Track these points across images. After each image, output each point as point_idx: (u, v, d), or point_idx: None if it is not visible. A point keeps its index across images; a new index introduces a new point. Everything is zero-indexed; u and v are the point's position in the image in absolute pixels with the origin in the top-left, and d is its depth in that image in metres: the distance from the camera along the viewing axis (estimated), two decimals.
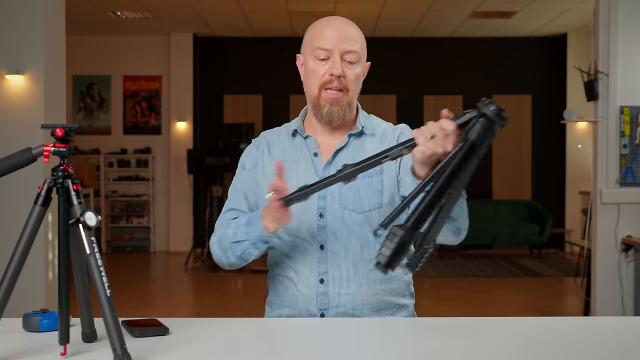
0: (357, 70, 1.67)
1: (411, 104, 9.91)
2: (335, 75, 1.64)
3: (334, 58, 1.64)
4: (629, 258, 4.87)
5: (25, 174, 2.43)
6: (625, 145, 4.87)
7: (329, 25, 1.67)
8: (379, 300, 1.67)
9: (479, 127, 1.32)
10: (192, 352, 1.30)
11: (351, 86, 1.66)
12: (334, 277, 1.66)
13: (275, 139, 1.79)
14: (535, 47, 9.95)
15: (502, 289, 7.26)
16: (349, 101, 1.68)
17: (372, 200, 1.67)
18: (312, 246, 1.67)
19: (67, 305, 1.25)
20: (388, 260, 1.26)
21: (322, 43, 1.64)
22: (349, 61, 1.65)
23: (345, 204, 1.66)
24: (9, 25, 4.45)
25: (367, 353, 1.33)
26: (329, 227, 1.66)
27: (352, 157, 1.68)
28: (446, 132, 1.31)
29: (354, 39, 1.66)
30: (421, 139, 1.34)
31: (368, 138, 1.73)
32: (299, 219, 1.67)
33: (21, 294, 2.43)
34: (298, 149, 1.74)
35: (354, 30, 1.68)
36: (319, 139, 1.74)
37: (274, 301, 1.75)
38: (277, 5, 8.14)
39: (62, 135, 1.24)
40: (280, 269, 1.72)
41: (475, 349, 1.34)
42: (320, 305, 1.65)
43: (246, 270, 8.16)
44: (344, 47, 1.64)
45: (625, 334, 1.48)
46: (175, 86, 9.84)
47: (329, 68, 1.64)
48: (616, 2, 4.85)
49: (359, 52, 1.66)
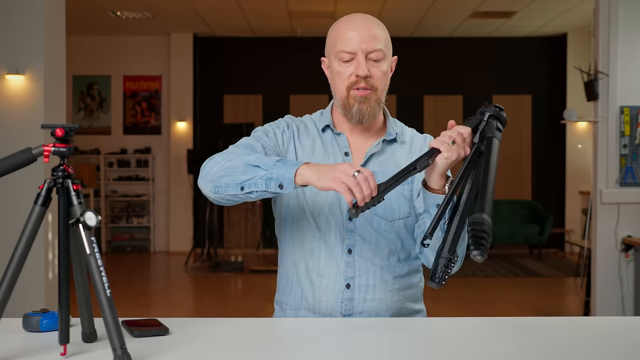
0: (383, 67, 1.63)
1: (411, 104, 9.91)
2: (362, 76, 1.61)
3: (358, 59, 1.60)
4: (629, 258, 4.87)
5: (25, 174, 2.43)
6: (625, 145, 4.87)
7: (350, 25, 1.62)
8: (400, 307, 1.67)
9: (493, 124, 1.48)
10: (192, 352, 1.30)
11: (379, 84, 1.63)
12: (361, 283, 1.63)
13: (302, 129, 1.73)
14: (535, 47, 9.95)
15: (502, 289, 7.26)
16: (378, 99, 1.65)
17: (402, 209, 1.66)
18: (340, 249, 1.64)
19: (67, 305, 1.25)
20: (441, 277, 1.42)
21: (345, 45, 1.60)
22: (374, 60, 1.61)
23: (376, 210, 1.64)
24: (9, 25, 4.44)
25: (368, 353, 1.33)
26: (357, 232, 1.64)
27: (384, 164, 1.67)
28: (464, 135, 1.46)
29: (377, 36, 1.61)
30: (444, 146, 1.45)
31: (399, 146, 1.72)
32: (327, 220, 1.64)
33: (21, 294, 2.43)
34: (328, 145, 1.70)
35: (376, 27, 1.63)
36: (349, 138, 1.71)
37: (287, 302, 1.70)
38: (277, 5, 8.14)
39: (62, 135, 1.24)
40: (301, 269, 1.67)
41: (475, 349, 1.34)
42: (345, 311, 1.63)
43: (246, 270, 8.17)
44: (367, 47, 1.60)
45: (625, 334, 1.48)
46: (175, 86, 9.84)
47: (354, 69, 1.61)
48: (616, 2, 4.85)
49: (384, 49, 1.62)
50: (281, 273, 1.74)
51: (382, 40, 1.62)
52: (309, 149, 1.69)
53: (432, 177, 1.49)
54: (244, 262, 8.40)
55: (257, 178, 1.45)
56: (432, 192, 1.51)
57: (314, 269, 1.65)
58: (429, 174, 1.49)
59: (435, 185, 1.50)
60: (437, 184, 1.50)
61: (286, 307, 1.70)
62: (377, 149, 1.69)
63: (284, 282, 1.72)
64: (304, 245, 1.67)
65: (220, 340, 1.39)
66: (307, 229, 1.66)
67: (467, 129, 1.46)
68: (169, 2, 8.13)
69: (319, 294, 1.64)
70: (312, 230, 1.65)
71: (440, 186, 1.50)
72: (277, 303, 1.75)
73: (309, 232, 1.66)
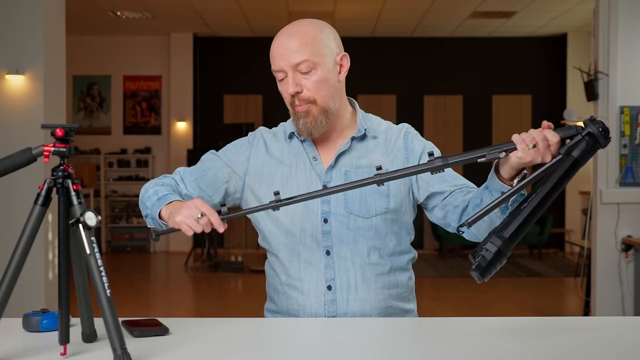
0: (315, 77, 1.58)
1: (411, 104, 9.91)
2: (292, 94, 1.59)
3: (288, 76, 1.59)
4: (629, 258, 4.87)
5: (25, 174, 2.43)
6: (625, 145, 4.87)
7: (275, 43, 1.60)
8: (386, 306, 1.66)
9: (584, 145, 1.33)
10: (192, 352, 1.30)
11: (315, 95, 1.59)
12: (342, 284, 1.63)
13: (271, 140, 1.73)
14: (535, 47, 9.95)
15: (502, 289, 7.26)
16: (322, 109, 1.60)
17: (379, 205, 1.64)
18: (317, 252, 1.63)
19: (67, 305, 1.25)
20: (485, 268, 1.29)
21: (274, 65, 1.60)
22: (304, 72, 1.58)
23: (351, 209, 1.63)
24: (9, 25, 4.45)
25: (368, 353, 1.33)
26: (334, 233, 1.63)
27: (355, 160, 1.66)
28: (550, 143, 1.35)
29: (299, 48, 1.56)
30: (522, 145, 1.36)
31: (370, 141, 1.69)
32: (301, 225, 1.64)
33: (21, 294, 2.43)
34: (295, 153, 1.69)
35: (299, 38, 1.57)
36: (317, 142, 1.69)
37: (276, 310, 1.71)
38: (277, 5, 8.14)
39: (62, 135, 1.24)
40: (283, 276, 1.67)
41: (475, 349, 1.34)
42: (329, 313, 1.62)
43: (246, 270, 8.17)
44: (291, 62, 1.57)
45: (625, 334, 1.47)
46: (175, 86, 9.84)
47: (286, 88, 1.60)
48: (616, 2, 4.85)
49: (311, 58, 1.56)
50: (268, 283, 1.75)
51: (307, 50, 1.57)
52: (277, 158, 1.69)
53: (504, 166, 1.43)
54: (244, 262, 8.40)
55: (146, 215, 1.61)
56: (499, 178, 1.46)
57: (295, 275, 1.65)
58: (504, 161, 1.43)
59: (505, 174, 1.44)
60: (507, 173, 1.43)
61: (277, 315, 1.71)
62: (346, 147, 1.67)
63: (271, 292, 1.74)
64: (281, 254, 1.67)
65: (220, 340, 1.39)
66: (284, 237, 1.66)
67: (556, 137, 1.35)
68: (169, 2, 8.13)
69: (302, 299, 1.64)
70: (289, 237, 1.65)
71: (509, 177, 1.43)
72: (267, 310, 1.77)
73: (286, 240, 1.66)
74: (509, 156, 1.39)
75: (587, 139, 1.33)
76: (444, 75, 9.93)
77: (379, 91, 9.74)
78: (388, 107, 9.83)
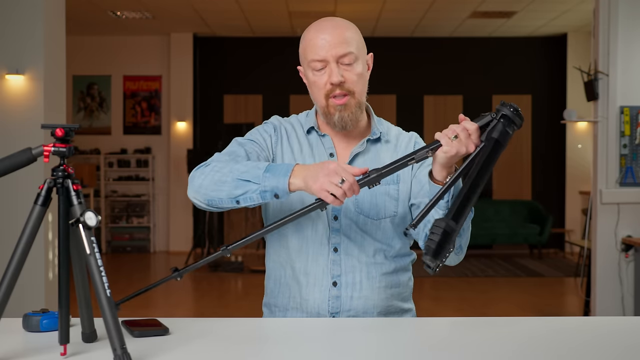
0: (357, 69, 1.62)
1: (411, 104, 9.91)
2: (336, 84, 1.60)
3: (330, 66, 1.60)
4: (629, 258, 4.87)
5: (25, 174, 2.43)
6: (625, 145, 4.87)
7: (318, 33, 1.62)
8: (387, 305, 1.68)
9: (501, 126, 1.42)
10: (192, 352, 1.30)
11: (355, 87, 1.62)
12: (347, 281, 1.65)
13: (290, 131, 1.74)
14: (535, 47, 9.95)
15: (502, 289, 7.26)
16: (358, 102, 1.64)
17: (388, 208, 1.66)
18: (326, 248, 1.65)
19: (67, 305, 1.25)
20: (435, 250, 1.33)
21: (315, 54, 1.60)
22: (346, 63, 1.60)
23: (362, 209, 1.65)
24: (9, 25, 4.45)
25: (368, 353, 1.33)
26: (343, 231, 1.65)
27: (369, 163, 1.67)
28: (469, 131, 1.42)
29: (346, 40, 1.60)
30: (445, 139, 1.43)
31: (383, 145, 1.72)
32: (313, 221, 1.65)
33: (21, 294, 2.43)
34: (314, 147, 1.71)
35: (345, 30, 1.61)
36: (334, 139, 1.72)
37: (274, 304, 1.72)
38: (277, 5, 8.14)
39: (62, 135, 1.24)
40: (289, 270, 1.68)
41: (475, 349, 1.34)
42: (332, 309, 1.64)
43: (246, 270, 8.17)
44: (337, 52, 1.59)
45: (625, 334, 1.48)
46: (175, 86, 9.84)
47: (327, 77, 1.60)
48: (616, 2, 4.85)
49: (355, 51, 1.61)
50: (268, 276, 1.75)
51: (351, 42, 1.61)
52: (297, 150, 1.71)
53: (434, 168, 1.50)
54: (244, 262, 8.40)
55: (251, 192, 1.47)
56: (434, 182, 1.52)
57: (301, 269, 1.66)
58: (434, 162, 1.49)
59: (437, 176, 1.50)
60: (438, 174, 1.50)
61: (275, 309, 1.72)
62: (362, 148, 1.69)
63: (271, 285, 1.74)
64: (290, 247, 1.68)
65: (220, 340, 1.39)
66: (293, 230, 1.67)
67: (474, 125, 1.43)
68: (169, 2, 8.13)
69: (306, 293, 1.66)
70: (298, 231, 1.66)
71: (442, 178, 1.50)
72: (265, 306, 1.77)
73: (295, 233, 1.67)
74: (436, 154, 1.45)
75: (502, 121, 1.42)
76: (444, 75, 9.93)
77: (379, 91, 9.73)
78: (388, 107, 9.83)
